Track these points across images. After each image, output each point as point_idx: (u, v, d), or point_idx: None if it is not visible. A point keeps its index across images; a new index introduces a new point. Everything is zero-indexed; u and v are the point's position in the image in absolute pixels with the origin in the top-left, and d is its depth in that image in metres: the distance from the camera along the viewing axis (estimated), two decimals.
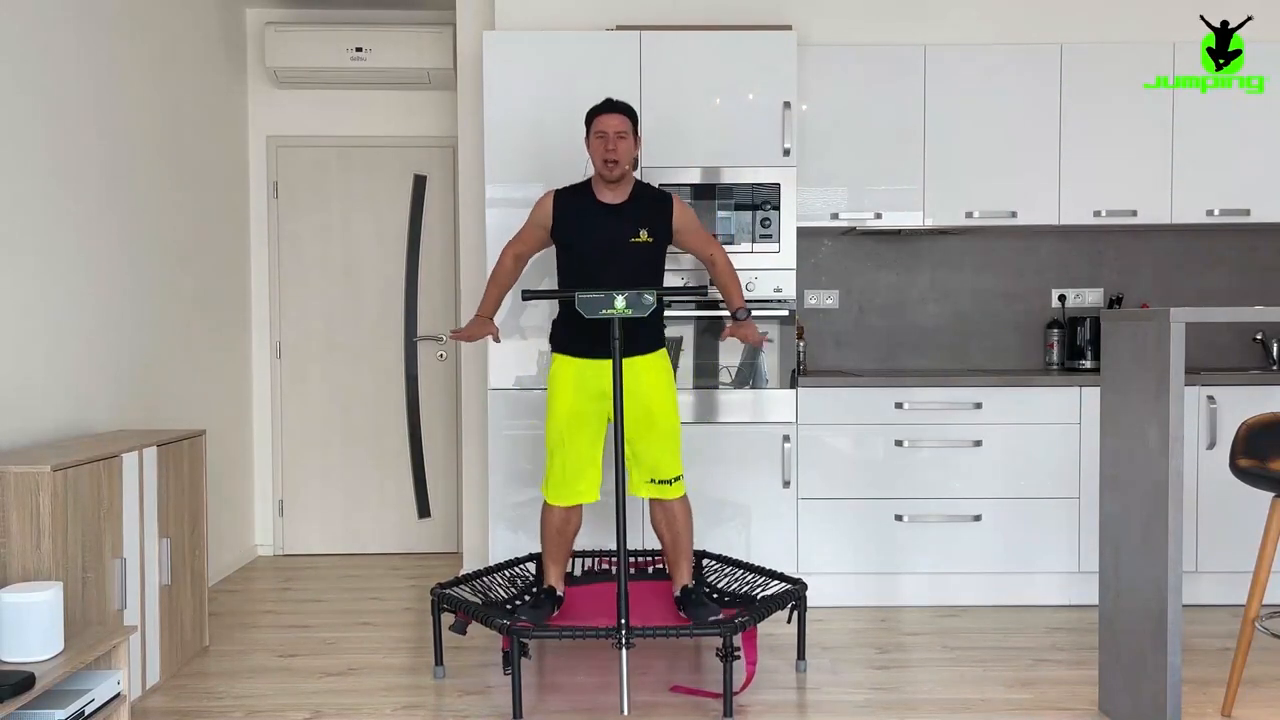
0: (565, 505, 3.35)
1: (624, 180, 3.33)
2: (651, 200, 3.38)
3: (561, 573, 3.47)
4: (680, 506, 3.38)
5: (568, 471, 3.32)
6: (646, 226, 3.31)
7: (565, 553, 3.45)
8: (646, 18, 4.27)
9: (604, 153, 3.25)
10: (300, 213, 5.10)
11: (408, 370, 5.15)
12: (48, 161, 3.25)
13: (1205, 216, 4.22)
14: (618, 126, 3.25)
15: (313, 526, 5.15)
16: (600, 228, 3.31)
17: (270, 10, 5.03)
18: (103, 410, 3.56)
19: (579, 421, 3.31)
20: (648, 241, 3.31)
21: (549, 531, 3.41)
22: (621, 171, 3.28)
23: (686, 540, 3.40)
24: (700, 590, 3.41)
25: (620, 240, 3.29)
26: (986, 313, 4.59)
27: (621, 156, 3.25)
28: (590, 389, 3.29)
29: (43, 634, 2.45)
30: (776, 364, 4.00)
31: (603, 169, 3.28)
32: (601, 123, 3.27)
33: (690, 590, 3.35)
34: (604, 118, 3.27)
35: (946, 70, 4.19)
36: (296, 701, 3.10)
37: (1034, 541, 4.03)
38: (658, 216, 3.34)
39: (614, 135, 3.25)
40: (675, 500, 3.36)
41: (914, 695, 3.15)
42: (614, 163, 3.25)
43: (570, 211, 3.35)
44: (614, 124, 3.26)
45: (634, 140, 3.31)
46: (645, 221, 3.32)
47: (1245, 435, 2.91)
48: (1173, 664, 2.61)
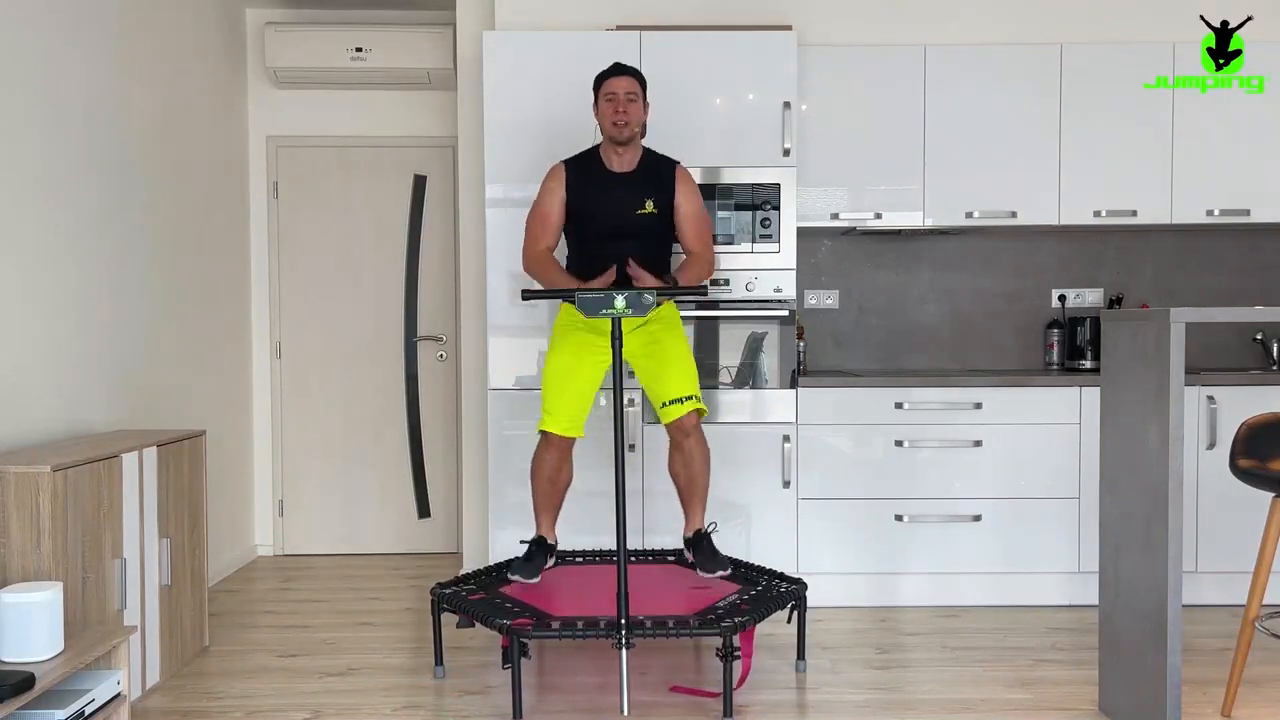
0: (560, 434, 3.31)
1: (632, 146, 3.32)
2: (658, 166, 3.38)
3: (553, 521, 3.48)
4: (698, 446, 3.37)
5: (565, 397, 3.29)
6: (653, 197, 3.31)
7: (556, 502, 3.46)
8: (646, 18, 4.27)
9: (613, 115, 3.25)
10: (300, 213, 5.10)
11: (408, 370, 5.15)
12: (47, 161, 3.25)
13: (1205, 216, 4.21)
14: (627, 88, 3.25)
15: (313, 526, 5.15)
16: (608, 199, 3.31)
17: (270, 10, 5.02)
18: (102, 410, 3.56)
19: (582, 356, 3.32)
20: (653, 213, 3.31)
21: (540, 481, 3.41)
22: (631, 133, 3.28)
23: (703, 481, 3.40)
24: (711, 539, 3.43)
25: (628, 212, 3.30)
26: (986, 313, 4.59)
27: (631, 118, 3.25)
28: (600, 328, 3.30)
29: (43, 634, 2.45)
30: (776, 364, 4.00)
31: (612, 130, 3.27)
32: (611, 85, 3.27)
33: (703, 535, 3.37)
34: (613, 80, 3.27)
35: (946, 70, 4.19)
36: (296, 701, 3.10)
37: (1034, 541, 4.03)
38: (663, 183, 3.34)
39: (624, 96, 3.24)
40: (692, 438, 3.34)
41: (914, 695, 3.14)
42: (624, 124, 3.24)
43: (581, 179, 3.35)
44: (624, 85, 3.25)
45: (643, 105, 3.30)
46: (652, 190, 3.32)
47: (1245, 435, 2.91)
48: (1173, 664, 2.61)
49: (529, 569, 3.34)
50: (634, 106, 3.26)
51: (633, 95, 3.25)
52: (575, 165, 3.39)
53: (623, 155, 3.33)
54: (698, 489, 3.41)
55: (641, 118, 3.30)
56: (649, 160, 3.38)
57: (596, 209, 3.32)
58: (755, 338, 3.99)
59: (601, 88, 3.30)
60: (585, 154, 3.42)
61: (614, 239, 3.28)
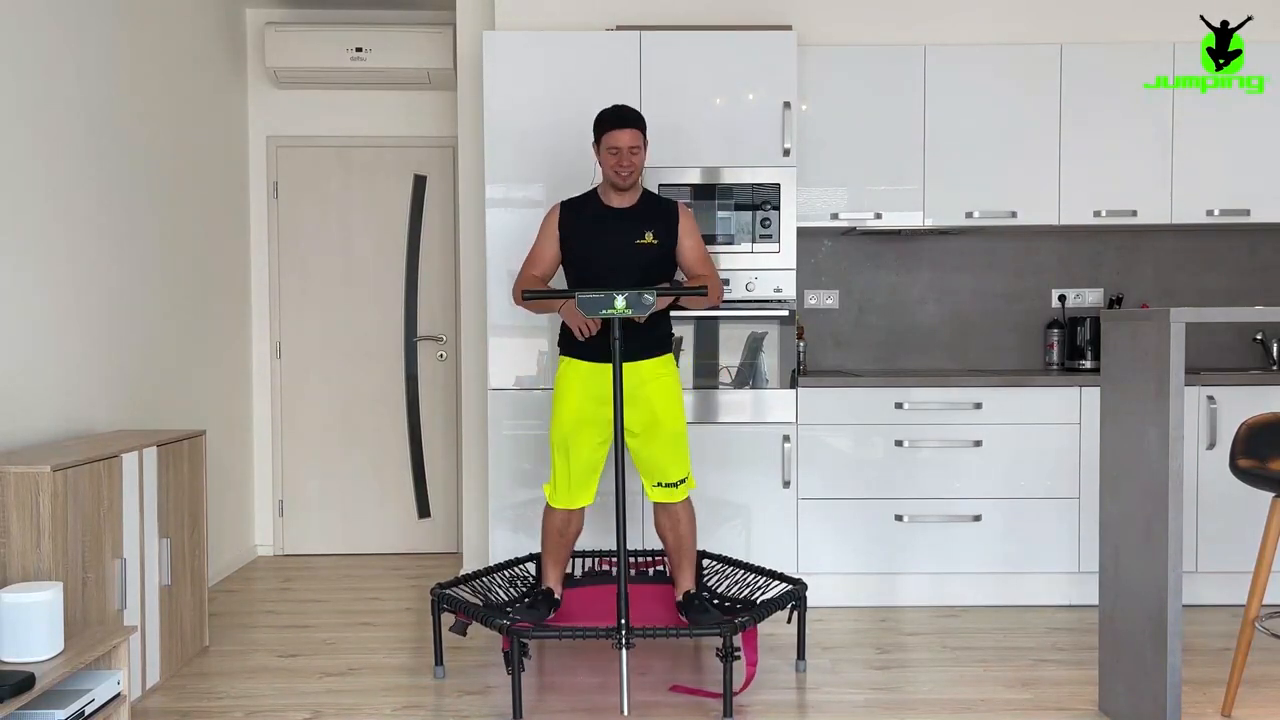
0: (568, 509, 3.35)
1: (633, 188, 3.32)
2: (658, 205, 3.38)
3: (560, 575, 3.47)
4: (685, 511, 3.38)
5: (572, 477, 3.32)
6: (653, 228, 3.30)
7: (565, 555, 3.45)
8: (646, 18, 4.27)
9: (616, 166, 3.24)
10: (300, 213, 5.10)
11: (408, 370, 5.15)
12: (46, 161, 3.25)
13: (1205, 216, 4.21)
14: (631, 142, 3.22)
15: (313, 526, 5.15)
16: (608, 230, 3.30)
17: (270, 10, 5.03)
18: (102, 410, 3.56)
19: (584, 426, 3.30)
20: (654, 244, 3.29)
21: (549, 534, 3.41)
22: (634, 181, 3.29)
23: (690, 544, 3.40)
24: (702, 597, 3.40)
25: (627, 241, 3.28)
26: (986, 313, 4.59)
27: (635, 169, 3.26)
28: (596, 393, 3.28)
29: (43, 634, 2.45)
30: (776, 364, 4.00)
31: (616, 179, 3.27)
32: (614, 139, 3.22)
33: (693, 596, 3.35)
34: (616, 134, 3.22)
35: (946, 70, 4.19)
36: (296, 701, 3.10)
37: (1034, 541, 4.03)
38: (664, 221, 3.33)
39: (627, 150, 3.22)
40: (680, 504, 3.36)
41: (914, 695, 3.14)
42: (627, 175, 3.25)
43: (578, 217, 3.34)
44: (627, 140, 3.22)
45: (644, 151, 3.29)
46: (651, 224, 3.30)
47: (1245, 435, 2.91)
48: (1173, 664, 2.61)
49: (532, 616, 3.29)
50: (637, 158, 3.25)
51: (635, 148, 3.23)
52: (572, 205, 3.38)
53: (623, 195, 3.33)
54: (685, 552, 3.40)
55: (642, 165, 3.29)
56: (649, 199, 3.38)
57: (595, 241, 3.30)
58: (755, 338, 3.99)
59: (604, 139, 3.25)
60: (583, 196, 3.41)
61: (614, 272, 3.25)
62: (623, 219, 3.31)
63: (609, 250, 3.29)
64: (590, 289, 3.03)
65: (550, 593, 3.41)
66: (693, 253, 3.38)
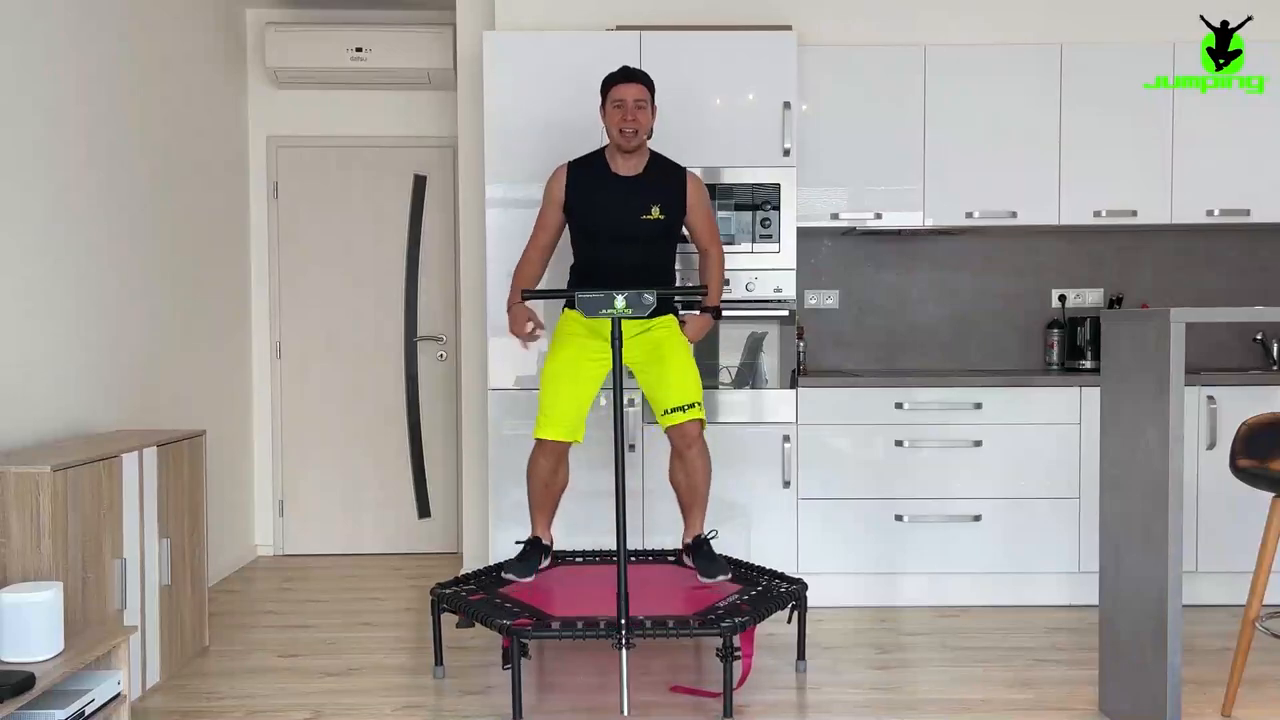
0: (555, 439, 3.30)
1: (640, 150, 3.30)
2: (666, 172, 3.35)
3: (548, 521, 3.48)
4: (700, 458, 3.36)
5: (560, 402, 3.28)
6: (660, 202, 3.28)
7: (552, 504, 3.47)
8: (646, 18, 4.27)
9: (621, 122, 3.22)
10: (300, 213, 5.09)
11: (408, 370, 5.15)
12: (46, 161, 3.25)
13: (1205, 216, 4.21)
14: (637, 95, 3.22)
15: (313, 526, 5.15)
16: (613, 202, 3.29)
17: (270, 10, 5.02)
18: (102, 410, 3.56)
19: (580, 361, 3.30)
20: (660, 219, 3.29)
21: (536, 483, 3.41)
22: (639, 141, 3.26)
23: (704, 490, 3.40)
24: (710, 544, 3.42)
25: (632, 216, 3.27)
26: (986, 313, 4.59)
27: (640, 126, 3.23)
28: (598, 335, 3.28)
29: (43, 634, 2.45)
30: (776, 364, 4.00)
31: (619, 139, 3.25)
32: (619, 91, 3.23)
33: (702, 540, 3.37)
34: (622, 87, 3.23)
35: (946, 70, 4.18)
36: (296, 701, 3.10)
37: (1034, 541, 4.03)
38: (672, 190, 3.32)
39: (632, 104, 3.22)
40: (695, 448, 3.34)
41: (914, 695, 3.15)
42: (632, 132, 3.22)
43: (584, 183, 3.32)
44: (633, 93, 3.22)
45: (651, 110, 3.28)
46: (659, 196, 3.29)
47: (1245, 435, 2.92)
48: (1173, 664, 2.61)
49: (523, 568, 3.34)
50: (643, 114, 3.23)
51: (641, 102, 3.23)
52: (579, 167, 3.36)
53: (629, 159, 3.31)
54: (698, 497, 3.40)
55: (650, 124, 3.28)
56: (656, 165, 3.35)
57: (601, 212, 3.30)
58: (755, 338, 3.99)
59: (610, 93, 3.26)
60: (590, 156, 3.39)
61: (617, 243, 3.27)
62: (629, 190, 3.29)
63: (614, 223, 3.29)
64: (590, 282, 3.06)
65: (539, 540, 3.43)
66: (700, 224, 3.39)
